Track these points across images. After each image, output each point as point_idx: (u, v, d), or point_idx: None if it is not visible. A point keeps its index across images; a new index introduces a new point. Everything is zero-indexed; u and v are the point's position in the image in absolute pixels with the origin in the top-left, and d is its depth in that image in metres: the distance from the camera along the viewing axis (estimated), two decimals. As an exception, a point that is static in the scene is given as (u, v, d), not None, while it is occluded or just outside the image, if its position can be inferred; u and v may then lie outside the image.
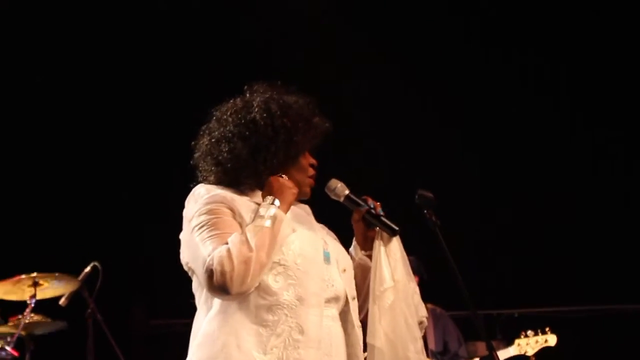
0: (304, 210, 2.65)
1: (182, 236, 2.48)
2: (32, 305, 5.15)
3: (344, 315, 2.50)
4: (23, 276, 5.15)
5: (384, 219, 2.62)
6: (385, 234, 2.61)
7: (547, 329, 5.71)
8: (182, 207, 2.50)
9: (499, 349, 5.59)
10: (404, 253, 2.62)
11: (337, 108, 2.74)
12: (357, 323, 2.53)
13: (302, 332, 2.35)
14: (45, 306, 5.32)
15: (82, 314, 5.28)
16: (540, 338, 5.67)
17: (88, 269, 5.25)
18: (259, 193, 2.50)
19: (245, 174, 2.49)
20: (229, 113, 2.56)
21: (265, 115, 2.50)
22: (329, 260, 2.49)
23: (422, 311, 2.63)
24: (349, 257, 2.61)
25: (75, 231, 6.42)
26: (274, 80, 2.64)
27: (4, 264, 5.61)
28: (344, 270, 2.53)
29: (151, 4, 6.58)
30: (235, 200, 2.43)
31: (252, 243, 2.30)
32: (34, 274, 5.17)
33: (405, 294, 2.57)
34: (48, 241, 6.28)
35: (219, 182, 2.51)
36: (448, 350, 5.66)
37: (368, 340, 2.52)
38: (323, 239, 2.55)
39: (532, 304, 6.42)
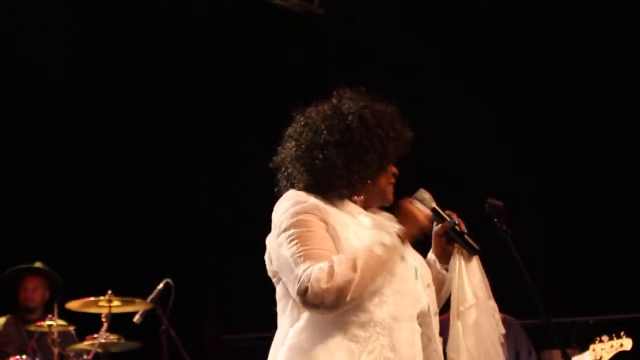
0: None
1: (269, 241, 2.45)
2: (107, 323, 5.24)
3: (423, 329, 2.48)
4: (100, 298, 5.27)
5: (467, 237, 2.61)
6: (465, 252, 2.61)
7: (622, 333, 5.59)
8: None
9: (573, 356, 5.49)
10: (483, 271, 2.63)
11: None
12: (437, 338, 2.51)
13: (393, 350, 2.34)
14: (120, 323, 5.41)
15: (156, 330, 5.35)
16: (616, 342, 5.55)
17: (160, 286, 5.32)
18: (348, 202, 2.47)
19: (338, 183, 2.45)
20: (320, 119, 2.50)
21: (360, 124, 2.47)
22: (417, 276, 2.48)
23: (501, 329, 2.67)
24: (429, 271, 2.59)
25: (147, 248, 6.51)
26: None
27: (80, 281, 5.74)
28: (428, 285, 2.53)
29: (150, 4, 6.52)
30: (329, 213, 2.40)
31: (359, 264, 2.28)
32: (109, 293, 5.28)
33: (487, 311, 2.60)
34: (121, 259, 6.39)
35: (307, 189, 2.46)
36: (519, 360, 5.60)
37: (450, 355, 2.52)
38: (412, 255, 2.53)
39: (608, 310, 6.29)
